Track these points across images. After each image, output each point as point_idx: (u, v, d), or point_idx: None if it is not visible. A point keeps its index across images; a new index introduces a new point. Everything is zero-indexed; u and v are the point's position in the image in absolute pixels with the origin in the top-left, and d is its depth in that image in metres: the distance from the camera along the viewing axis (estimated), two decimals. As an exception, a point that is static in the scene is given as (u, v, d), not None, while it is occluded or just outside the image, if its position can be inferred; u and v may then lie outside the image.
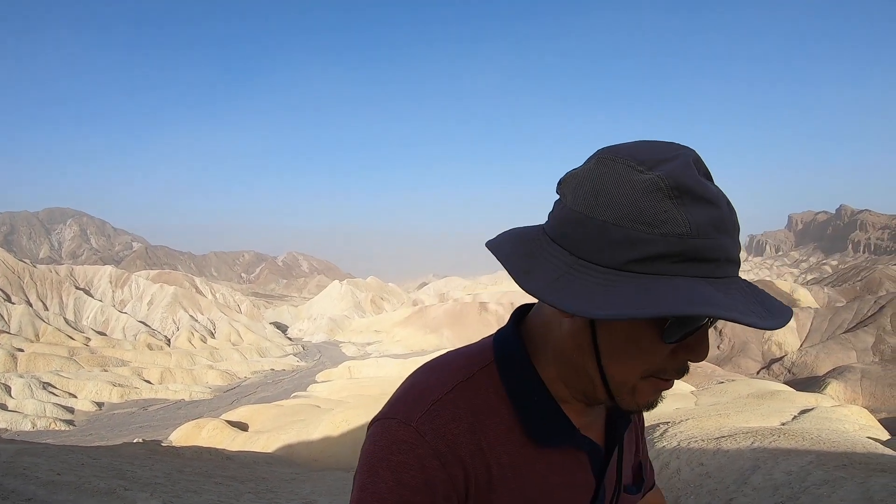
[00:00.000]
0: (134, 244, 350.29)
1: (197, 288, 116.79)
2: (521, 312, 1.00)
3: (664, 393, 0.89)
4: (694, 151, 0.82)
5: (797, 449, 11.48)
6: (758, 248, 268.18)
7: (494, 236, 0.92)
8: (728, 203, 0.79)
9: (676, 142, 0.85)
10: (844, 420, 26.04)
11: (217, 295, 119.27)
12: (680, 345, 0.82)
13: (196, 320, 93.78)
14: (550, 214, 0.88)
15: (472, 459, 0.85)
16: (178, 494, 11.01)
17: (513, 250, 0.87)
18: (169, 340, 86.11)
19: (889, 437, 23.50)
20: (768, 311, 0.77)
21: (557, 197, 0.87)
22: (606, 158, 0.82)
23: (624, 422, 1.03)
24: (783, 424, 20.42)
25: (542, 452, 0.91)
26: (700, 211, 0.76)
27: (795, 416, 23.66)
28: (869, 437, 21.42)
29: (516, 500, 0.89)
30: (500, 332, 0.98)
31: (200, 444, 26.56)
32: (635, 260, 0.76)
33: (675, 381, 0.85)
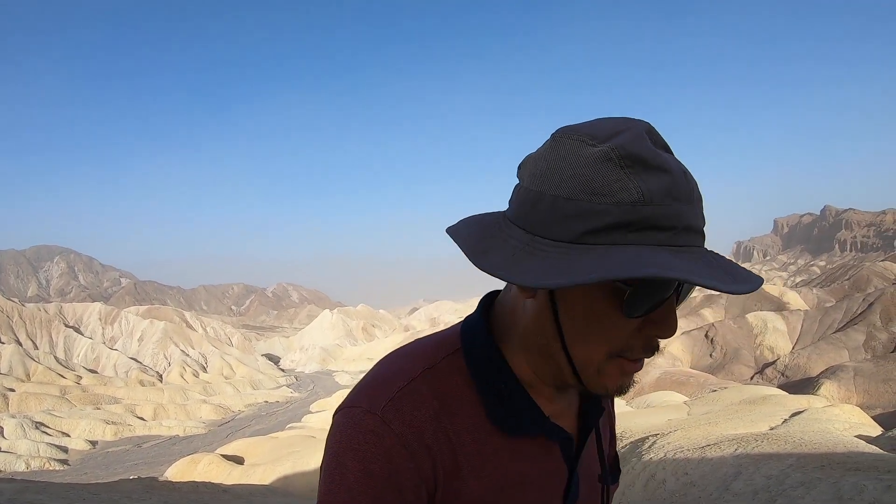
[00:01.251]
0: (122, 280, 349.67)
1: (187, 322, 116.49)
2: (489, 299, 0.98)
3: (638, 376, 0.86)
4: (647, 123, 0.82)
5: (779, 453, 11.65)
6: (746, 255, 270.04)
7: (455, 223, 0.93)
8: (684, 172, 0.79)
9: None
10: (834, 420, 26.21)
11: (208, 329, 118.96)
12: (645, 320, 0.80)
13: (187, 355, 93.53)
14: (510, 199, 0.88)
15: (439, 447, 0.84)
16: None
17: (470, 233, 0.87)
18: (161, 376, 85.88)
19: (880, 434, 23.69)
20: (735, 278, 0.75)
21: (518, 182, 0.87)
22: (560, 136, 0.82)
23: (596, 410, 1.01)
24: (772, 429, 20.57)
25: (511, 440, 0.90)
26: (652, 178, 0.76)
27: (785, 420, 23.83)
28: (857, 436, 21.62)
29: (484, 488, 0.87)
30: (468, 319, 0.97)
31: (196, 480, 26.47)
32: (589, 231, 0.76)
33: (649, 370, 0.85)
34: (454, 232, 0.90)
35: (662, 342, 0.77)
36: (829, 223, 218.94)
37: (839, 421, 26.53)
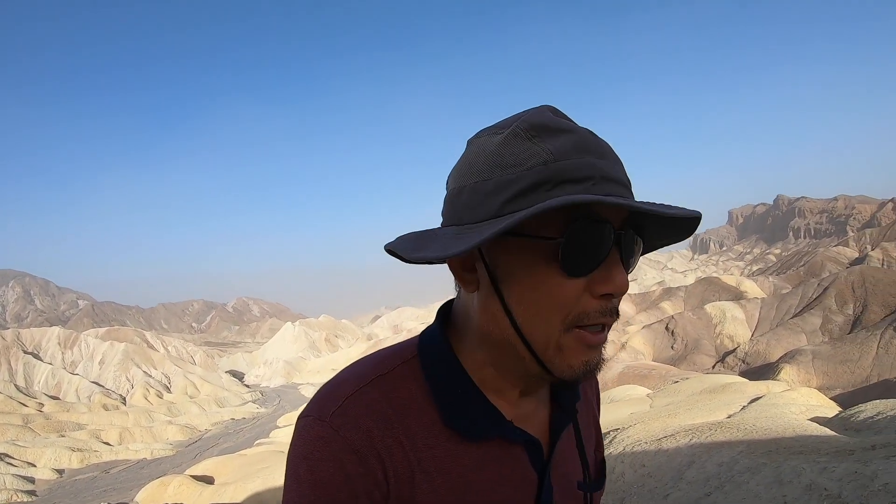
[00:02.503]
0: (80, 302, 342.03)
1: (148, 342, 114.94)
2: (446, 308, 0.98)
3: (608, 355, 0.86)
4: (549, 105, 0.85)
5: (730, 441, 12.06)
6: (702, 247, 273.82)
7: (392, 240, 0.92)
8: (590, 132, 0.82)
9: None
10: (791, 404, 26.91)
11: (169, 348, 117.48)
12: (593, 281, 0.80)
13: (150, 376, 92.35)
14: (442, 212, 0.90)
15: (390, 452, 0.83)
16: None
17: (405, 241, 0.88)
18: (124, 399, 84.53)
19: (836, 414, 24.39)
20: (665, 207, 0.77)
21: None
22: (473, 138, 0.86)
23: (567, 414, 1.00)
24: (729, 417, 21.10)
25: (471, 446, 0.88)
26: (559, 139, 0.78)
27: (744, 407, 24.42)
28: (812, 418, 22.27)
29: (442, 494, 0.85)
30: (427, 328, 0.97)
31: (168, 502, 26.28)
32: (508, 200, 0.77)
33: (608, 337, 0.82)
34: (390, 246, 0.89)
35: (623, 336, 0.81)
36: (783, 212, 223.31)
37: (796, 404, 27.23)
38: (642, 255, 0.90)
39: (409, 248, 0.86)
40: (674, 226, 0.89)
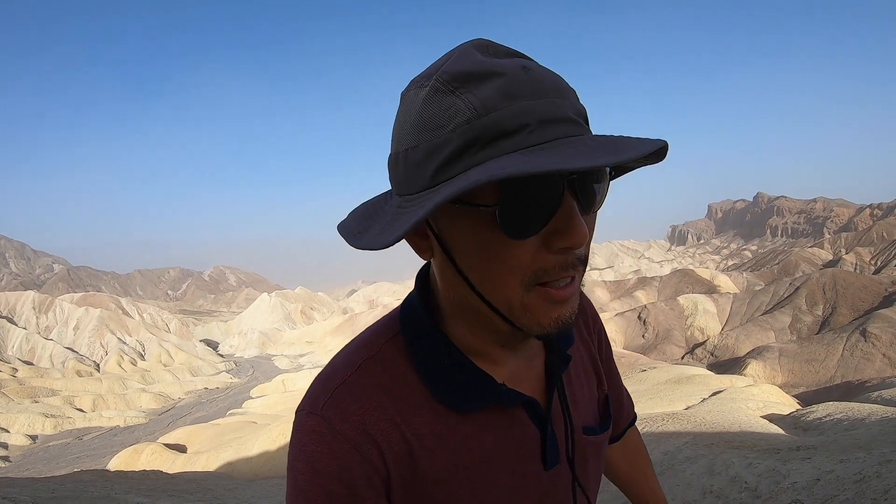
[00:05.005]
0: (55, 266, 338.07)
1: (123, 309, 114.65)
2: (423, 273, 0.95)
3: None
4: (481, 39, 0.76)
5: (679, 431, 12.81)
6: (680, 238, 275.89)
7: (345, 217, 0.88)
8: (524, 67, 0.71)
9: None
10: (750, 399, 27.87)
11: (144, 315, 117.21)
12: (549, 235, 0.73)
13: (125, 343, 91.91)
14: None
15: (386, 436, 0.83)
16: (156, 499, 11.73)
17: (352, 220, 0.85)
18: (98, 366, 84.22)
19: (792, 412, 25.29)
20: (611, 151, 0.66)
21: None
22: (404, 92, 0.79)
23: (560, 363, 0.97)
24: (687, 408, 21.93)
25: (467, 415, 0.87)
26: (482, 88, 0.69)
27: (704, 399, 25.28)
28: (767, 415, 23.14)
29: (444, 467, 0.85)
30: (406, 298, 0.95)
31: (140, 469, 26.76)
32: (439, 168, 0.71)
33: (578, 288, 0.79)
34: (341, 226, 0.85)
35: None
36: (762, 209, 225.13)
37: (755, 400, 28.17)
38: (618, 176, 0.83)
39: (352, 229, 0.82)
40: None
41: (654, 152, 0.74)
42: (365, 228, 0.80)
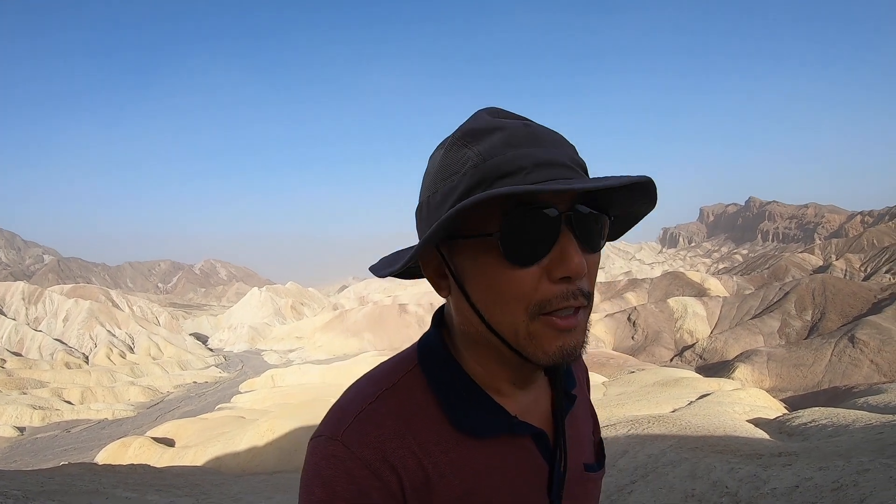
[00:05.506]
0: (45, 257, 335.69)
1: (113, 301, 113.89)
2: (440, 313, 1.02)
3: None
4: (493, 107, 0.91)
5: (664, 434, 12.94)
6: (671, 241, 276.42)
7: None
8: (525, 123, 0.85)
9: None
10: (737, 403, 28.05)
11: (134, 308, 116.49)
12: (548, 266, 0.82)
13: (114, 335, 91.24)
14: None
15: (404, 463, 0.86)
16: (145, 494, 11.73)
17: (383, 261, 0.98)
18: (87, 358, 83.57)
19: (778, 416, 25.47)
20: (591, 181, 0.79)
21: None
22: (431, 154, 0.93)
23: (566, 402, 1.03)
24: (673, 411, 22.08)
25: (481, 444, 0.91)
26: (487, 140, 0.83)
27: (691, 402, 25.40)
28: (752, 419, 23.27)
29: (459, 495, 0.89)
30: (424, 335, 1.01)
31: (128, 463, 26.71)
32: (450, 207, 0.82)
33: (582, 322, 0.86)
34: (371, 267, 0.98)
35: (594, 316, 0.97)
36: (753, 214, 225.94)
37: (742, 404, 28.33)
38: (623, 228, 0.98)
39: (380, 267, 0.95)
40: (633, 194, 0.89)
41: (647, 196, 0.89)
42: (390, 263, 0.94)
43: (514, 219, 0.79)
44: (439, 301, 1.04)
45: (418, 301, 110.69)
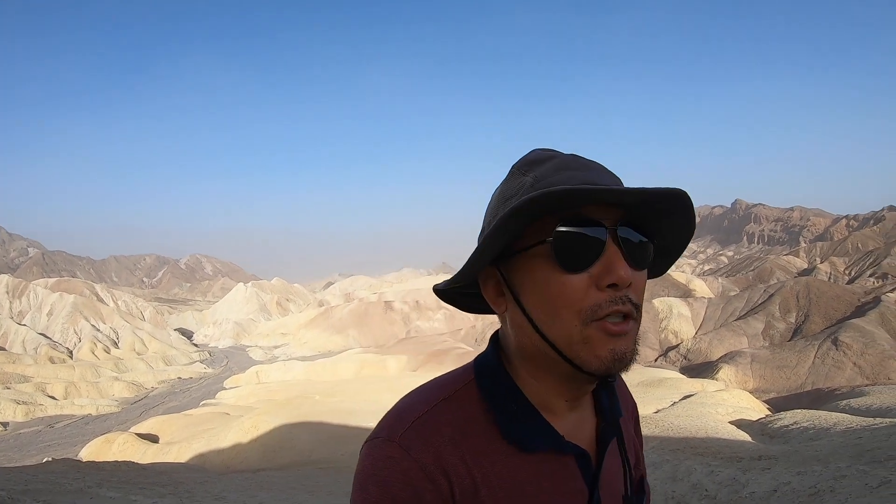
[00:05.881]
0: (30, 250, 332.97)
1: (98, 295, 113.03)
2: (496, 335, 1.08)
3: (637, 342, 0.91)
4: (541, 148, 1.01)
5: (647, 435, 13.03)
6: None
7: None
8: (573, 155, 0.96)
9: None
10: (720, 404, 28.30)
11: (119, 302, 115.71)
12: (598, 275, 0.88)
13: (98, 330, 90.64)
14: None
15: (456, 470, 0.90)
16: (129, 494, 11.68)
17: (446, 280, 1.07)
18: (71, 353, 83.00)
19: (760, 418, 25.71)
20: (630, 189, 0.89)
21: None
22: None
23: (612, 427, 1.07)
24: (657, 412, 22.21)
25: (528, 460, 0.95)
26: (542, 166, 0.93)
27: (674, 403, 25.58)
28: (735, 420, 23.45)
29: None
30: (481, 354, 1.06)
31: (112, 459, 26.56)
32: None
33: (632, 321, 0.91)
34: (436, 287, 1.09)
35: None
36: (739, 216, 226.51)
37: (725, 405, 28.58)
38: (665, 257, 1.08)
39: (444, 284, 1.07)
40: (670, 215, 0.97)
41: (686, 223, 1.00)
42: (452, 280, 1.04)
43: (566, 226, 0.88)
44: (424, 298, 1.11)
45: (403, 298, 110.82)
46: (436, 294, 1.10)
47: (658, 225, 0.97)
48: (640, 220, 0.94)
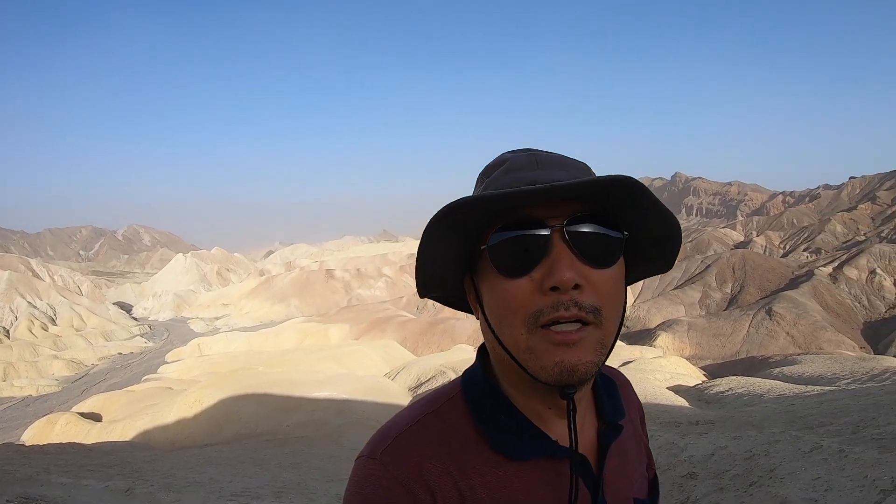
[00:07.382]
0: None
1: (33, 271, 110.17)
2: (484, 348, 1.04)
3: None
4: (517, 150, 0.98)
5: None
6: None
7: None
8: (528, 154, 0.93)
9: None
10: (658, 371, 29.13)
11: (55, 277, 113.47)
12: (536, 277, 0.84)
13: (35, 307, 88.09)
14: None
15: (440, 484, 0.88)
16: (80, 478, 11.60)
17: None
18: (8, 332, 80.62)
19: (697, 384, 26.58)
20: (566, 179, 0.85)
21: None
22: None
23: (611, 429, 1.02)
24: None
25: (521, 469, 0.92)
26: (496, 171, 0.93)
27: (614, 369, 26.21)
28: (672, 386, 24.20)
29: None
30: (468, 367, 1.05)
31: (55, 441, 26.06)
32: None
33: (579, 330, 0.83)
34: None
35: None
36: (679, 188, 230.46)
37: (662, 371, 29.43)
38: (662, 245, 0.99)
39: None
40: (635, 203, 0.89)
41: (660, 216, 0.93)
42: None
43: (500, 231, 0.86)
44: (365, 266, 1.08)
45: (345, 266, 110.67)
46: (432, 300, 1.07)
47: (632, 215, 0.91)
48: (605, 213, 0.88)
